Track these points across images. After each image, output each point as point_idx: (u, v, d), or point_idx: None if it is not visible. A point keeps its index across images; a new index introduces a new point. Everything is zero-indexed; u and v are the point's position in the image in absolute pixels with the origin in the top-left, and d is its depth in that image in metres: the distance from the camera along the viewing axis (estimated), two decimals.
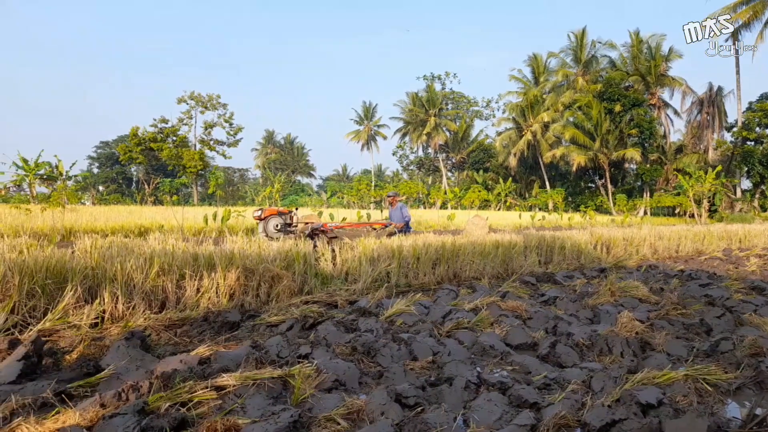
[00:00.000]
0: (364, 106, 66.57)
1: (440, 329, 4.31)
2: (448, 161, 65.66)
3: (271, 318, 4.58)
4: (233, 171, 78.50)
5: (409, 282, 6.67)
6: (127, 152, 53.54)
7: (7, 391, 2.61)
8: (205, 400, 2.58)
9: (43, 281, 4.30)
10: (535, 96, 49.63)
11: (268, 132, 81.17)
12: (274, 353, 3.42)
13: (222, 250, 5.68)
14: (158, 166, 57.80)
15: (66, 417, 2.32)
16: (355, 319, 4.50)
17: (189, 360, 3.12)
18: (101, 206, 28.57)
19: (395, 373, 3.15)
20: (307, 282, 5.78)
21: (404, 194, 53.61)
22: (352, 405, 2.59)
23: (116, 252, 5.08)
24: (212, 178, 21.89)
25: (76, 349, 3.62)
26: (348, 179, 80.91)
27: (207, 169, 55.13)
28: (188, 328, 4.34)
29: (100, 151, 69.45)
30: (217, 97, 54.61)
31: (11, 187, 34.06)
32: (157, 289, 4.80)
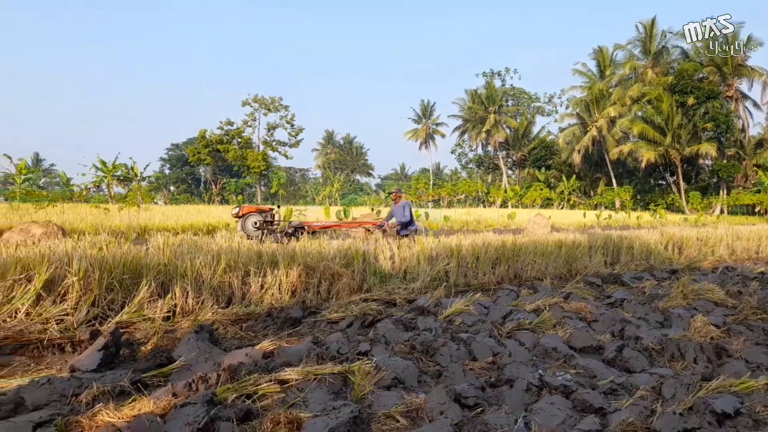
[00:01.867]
0: (422, 105, 66.46)
1: (500, 330, 4.24)
2: (508, 159, 64.40)
3: (331, 315, 4.67)
4: (294, 171, 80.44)
5: (468, 281, 6.61)
6: (196, 154, 56.03)
7: (89, 379, 2.81)
8: (269, 393, 2.66)
9: (121, 276, 4.58)
10: (600, 90, 47.72)
11: (328, 132, 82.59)
12: (334, 349, 3.49)
13: (284, 248, 5.85)
14: (224, 166, 60.06)
15: (141, 405, 2.46)
16: (414, 318, 4.51)
17: (254, 354, 3.24)
18: (172, 205, 30.03)
19: (454, 373, 3.13)
20: (366, 280, 5.85)
21: (463, 193, 53.07)
22: (411, 403, 2.60)
23: (186, 249, 5.33)
24: (275, 178, 22.53)
25: (150, 340, 3.83)
26: (406, 178, 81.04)
27: (270, 170, 56.83)
28: (253, 323, 4.50)
29: (171, 152, 73.01)
30: (279, 100, 56.10)
31: (92, 187, 36.42)
32: (223, 285, 5.00)
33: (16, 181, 26.26)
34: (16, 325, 3.82)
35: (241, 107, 55.58)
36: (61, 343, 3.70)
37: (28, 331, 3.77)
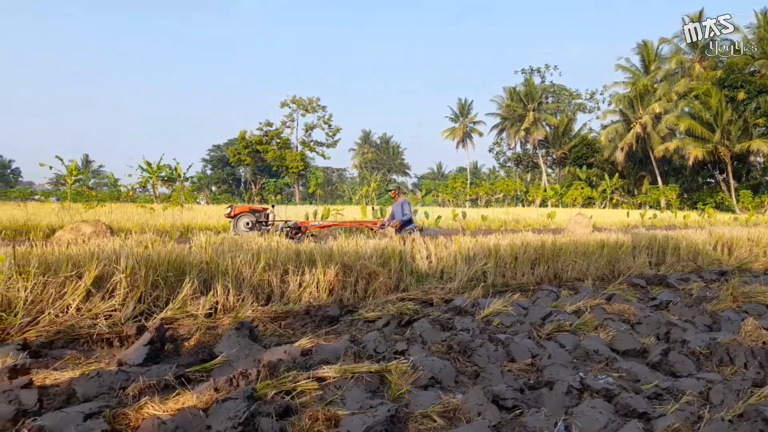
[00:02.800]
0: (459, 103, 65.94)
1: (539, 331, 4.17)
2: (548, 157, 63.20)
3: (368, 314, 4.69)
4: (332, 171, 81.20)
5: (507, 282, 6.52)
6: (236, 154, 57.24)
7: (136, 373, 2.91)
8: (307, 390, 2.70)
9: (165, 274, 4.73)
10: (645, 86, 46.23)
11: (365, 132, 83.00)
12: (371, 348, 3.50)
13: (322, 246, 5.91)
14: (264, 167, 61.18)
15: (185, 399, 2.53)
16: (451, 318, 4.48)
17: (292, 351, 3.29)
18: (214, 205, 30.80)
19: (492, 374, 3.09)
20: (402, 279, 5.85)
21: (501, 192, 52.40)
22: (448, 403, 2.59)
23: (227, 248, 5.46)
24: (312, 178, 22.83)
25: (193, 336, 3.94)
26: (443, 177, 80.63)
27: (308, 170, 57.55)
28: (291, 321, 4.57)
29: (213, 153, 74.85)
30: (316, 100, 56.75)
31: (138, 188, 37.74)
32: (263, 283, 5.10)
33: (68, 182, 27.45)
34: (67, 320, 3.99)
35: (280, 108, 56.49)
36: (110, 338, 3.84)
37: (79, 326, 3.94)
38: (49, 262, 4.39)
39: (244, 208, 10.69)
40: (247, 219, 10.28)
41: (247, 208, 10.59)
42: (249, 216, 10.34)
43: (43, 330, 3.83)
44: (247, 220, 10.26)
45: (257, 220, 10.07)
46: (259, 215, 10.24)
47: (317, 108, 56.85)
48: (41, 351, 3.50)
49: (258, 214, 10.29)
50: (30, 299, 4.04)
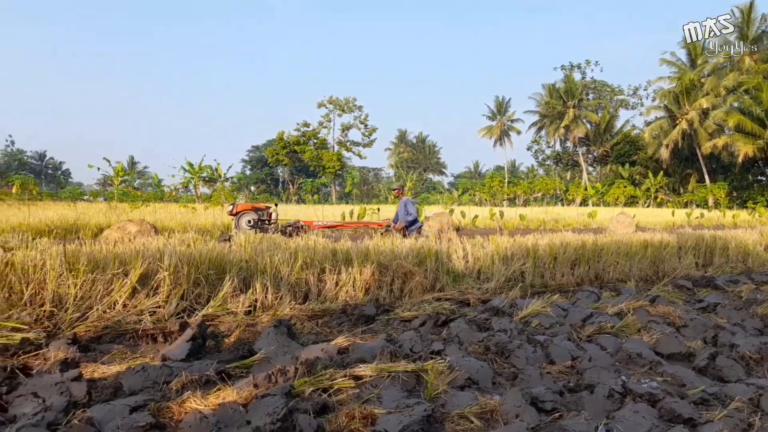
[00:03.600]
0: (496, 101, 65.18)
1: (580, 333, 4.08)
2: (588, 155, 61.72)
3: (404, 313, 4.69)
4: (368, 170, 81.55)
5: (546, 282, 6.40)
6: (274, 155, 58.19)
7: (179, 368, 2.99)
8: (343, 388, 2.72)
9: (207, 272, 4.85)
10: (691, 80, 44.59)
11: (401, 131, 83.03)
12: (407, 347, 3.50)
13: (358, 246, 5.94)
14: (301, 167, 61.98)
15: (225, 394, 2.59)
16: (488, 318, 4.43)
17: (329, 349, 3.32)
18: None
19: (530, 376, 3.05)
20: (438, 279, 5.82)
21: (540, 191, 51.55)
22: (485, 404, 2.56)
23: (266, 247, 5.55)
24: (349, 178, 22.98)
25: (233, 333, 4.02)
26: (480, 176, 79.85)
27: (344, 169, 57.99)
28: (328, 319, 4.61)
29: (252, 154, 76.32)
30: (353, 100, 57.11)
31: (180, 188, 38.84)
32: (300, 282, 5.16)
33: (114, 183, 28.46)
34: (114, 316, 4.14)
35: (317, 109, 57.10)
36: (154, 334, 3.97)
37: (125, 322, 4.08)
38: (98, 260, 4.56)
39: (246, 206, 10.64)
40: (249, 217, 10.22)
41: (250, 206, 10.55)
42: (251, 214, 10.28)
43: (92, 325, 3.99)
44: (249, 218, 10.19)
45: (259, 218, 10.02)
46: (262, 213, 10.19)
47: (353, 108, 57.24)
48: (90, 345, 3.65)
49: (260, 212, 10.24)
50: (79, 296, 4.22)
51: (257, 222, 9.82)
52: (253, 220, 9.97)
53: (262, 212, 10.21)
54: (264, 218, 9.99)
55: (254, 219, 9.96)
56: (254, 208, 10.36)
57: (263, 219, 9.95)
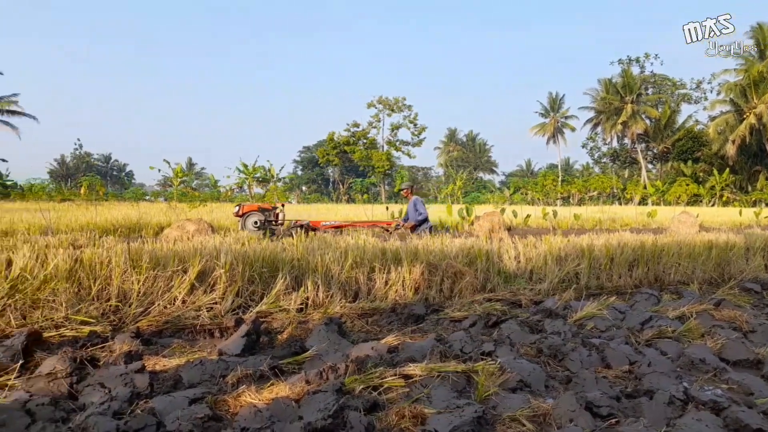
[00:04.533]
0: (550, 98, 63.63)
1: (638, 337, 3.92)
2: (648, 152, 59.27)
3: (454, 313, 4.66)
4: (417, 170, 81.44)
5: (601, 284, 6.20)
6: (325, 155, 59.04)
7: (234, 363, 3.09)
8: (393, 387, 2.73)
9: (260, 270, 4.98)
10: (760, 72, 41.97)
11: (450, 130, 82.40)
12: (457, 348, 3.47)
13: (407, 245, 5.94)
14: (351, 167, 62.62)
15: (278, 389, 2.65)
16: (541, 320, 4.33)
17: (379, 348, 3.34)
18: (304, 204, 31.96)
19: (585, 380, 2.96)
20: (489, 279, 5.74)
21: (595, 189, 49.97)
22: (538, 408, 2.51)
23: (317, 246, 5.64)
24: (398, 177, 23.01)
25: (285, 330, 4.11)
26: (532, 175, 78.17)
27: (393, 169, 58.12)
28: (378, 318, 4.64)
29: (303, 155, 77.80)
30: (402, 100, 57.16)
31: (235, 188, 40.06)
32: (350, 280, 5.22)
33: (174, 184, 29.66)
34: (174, 311, 4.32)
35: (366, 109, 57.52)
36: (211, 329, 4.11)
37: (184, 317, 4.25)
38: (159, 258, 4.78)
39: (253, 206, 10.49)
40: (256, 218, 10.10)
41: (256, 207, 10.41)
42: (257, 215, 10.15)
43: (153, 320, 4.18)
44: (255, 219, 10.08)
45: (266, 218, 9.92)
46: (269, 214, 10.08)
47: (403, 107, 57.29)
48: (152, 339, 3.82)
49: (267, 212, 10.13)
50: (142, 291, 4.43)
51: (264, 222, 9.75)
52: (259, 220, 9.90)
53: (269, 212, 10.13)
54: (271, 219, 9.91)
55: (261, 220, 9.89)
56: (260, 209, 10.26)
57: (270, 219, 9.87)
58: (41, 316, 3.96)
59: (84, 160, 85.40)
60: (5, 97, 47.70)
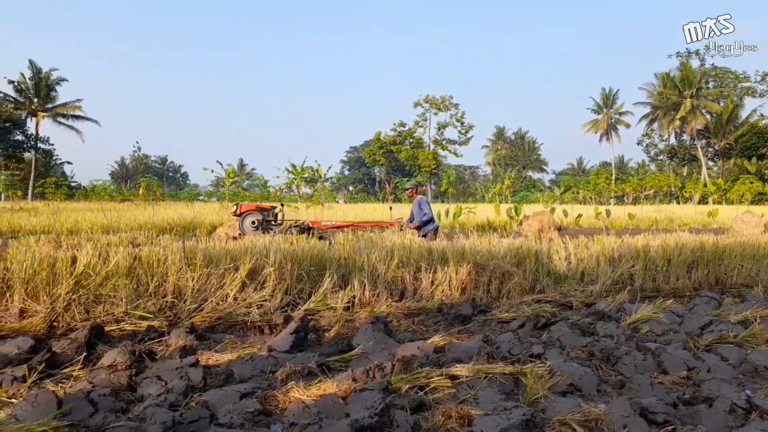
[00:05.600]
0: (603, 93, 61.60)
1: (696, 342, 3.74)
2: (708, 149, 56.48)
3: (502, 314, 4.59)
4: (464, 169, 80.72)
5: (657, 286, 5.96)
6: (371, 155, 59.39)
7: (283, 359, 3.16)
8: (440, 387, 2.72)
9: (308, 268, 5.07)
10: None
11: (498, 128, 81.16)
12: (505, 349, 3.42)
13: (454, 245, 5.90)
14: (397, 166, 62.72)
15: (326, 386, 2.69)
16: (593, 323, 4.21)
17: (425, 347, 3.33)
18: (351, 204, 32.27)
19: (639, 385, 2.85)
20: (538, 280, 5.62)
21: (651, 188, 48.10)
22: (589, 412, 2.44)
23: (363, 245, 5.69)
24: (444, 177, 22.91)
25: (333, 328, 4.17)
26: (584, 173, 75.99)
27: (440, 168, 57.82)
28: (424, 318, 4.63)
29: (350, 155, 78.54)
30: (449, 98, 56.75)
31: (284, 188, 40.93)
32: (396, 280, 5.23)
33: (226, 184, 30.58)
34: (226, 308, 4.46)
35: (413, 108, 57.45)
36: (261, 326, 4.22)
37: (236, 314, 4.38)
38: (212, 256, 4.94)
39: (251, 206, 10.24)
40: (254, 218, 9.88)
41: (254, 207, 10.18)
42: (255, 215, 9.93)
43: (207, 316, 4.33)
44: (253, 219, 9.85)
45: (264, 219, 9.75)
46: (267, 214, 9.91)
47: (450, 106, 56.87)
48: (205, 334, 3.95)
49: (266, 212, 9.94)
50: (196, 288, 4.59)
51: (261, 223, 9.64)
52: (257, 221, 9.75)
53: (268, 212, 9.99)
54: (269, 219, 9.80)
55: (258, 220, 9.76)
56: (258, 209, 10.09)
57: (269, 220, 9.76)
58: (103, 311, 4.17)
59: (142, 162, 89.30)
60: (70, 103, 50.49)
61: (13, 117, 44.08)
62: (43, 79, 48.65)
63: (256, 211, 9.96)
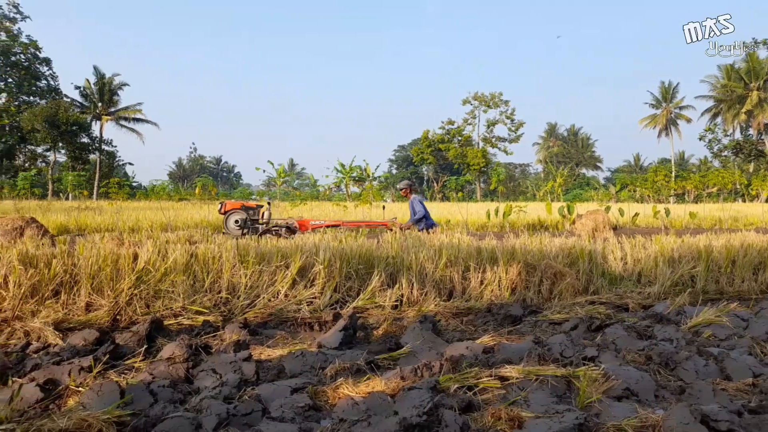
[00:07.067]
0: (662, 87, 59.03)
1: (764, 347, 3.53)
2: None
3: (553, 315, 4.49)
4: (514, 167, 79.28)
5: (721, 288, 5.66)
6: (419, 154, 59.26)
7: (333, 355, 3.20)
8: (489, 388, 2.68)
9: (356, 266, 5.12)
10: None
11: (550, 125, 79.25)
12: (557, 351, 3.34)
13: (504, 244, 5.81)
14: (445, 165, 62.36)
15: (374, 384, 2.71)
16: (650, 326, 4.05)
17: (474, 347, 3.30)
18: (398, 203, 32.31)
19: (701, 391, 2.72)
20: (592, 281, 5.46)
21: (715, 185, 45.80)
22: (646, 418, 2.35)
23: (411, 244, 5.69)
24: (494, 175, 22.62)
25: (381, 326, 4.19)
26: (641, 170, 73.07)
27: (489, 166, 57.03)
28: (472, 318, 4.58)
29: (398, 154, 78.67)
30: (499, 95, 55.90)
31: (333, 187, 41.49)
32: (444, 279, 5.20)
33: (277, 184, 31.29)
34: (277, 304, 4.56)
35: (462, 106, 56.92)
36: (311, 322, 4.30)
37: (286, 310, 4.48)
38: (264, 254, 5.07)
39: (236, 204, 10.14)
40: (238, 216, 9.77)
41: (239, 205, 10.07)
42: (240, 213, 9.81)
43: (259, 312, 4.45)
44: (237, 218, 9.75)
45: (249, 218, 9.63)
46: (252, 213, 9.80)
47: (499, 103, 56.02)
48: (257, 330, 4.06)
49: (251, 211, 9.82)
50: (249, 285, 4.72)
51: (245, 222, 9.53)
52: (241, 219, 9.64)
53: (253, 211, 9.89)
54: (255, 218, 9.70)
55: (242, 219, 9.63)
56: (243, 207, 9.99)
57: (254, 219, 9.66)
58: (162, 306, 4.36)
59: (198, 163, 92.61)
60: (131, 106, 52.98)
61: (79, 120, 46.63)
62: (107, 84, 51.26)
63: (241, 210, 9.91)
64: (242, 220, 9.60)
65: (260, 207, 10.13)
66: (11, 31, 45.96)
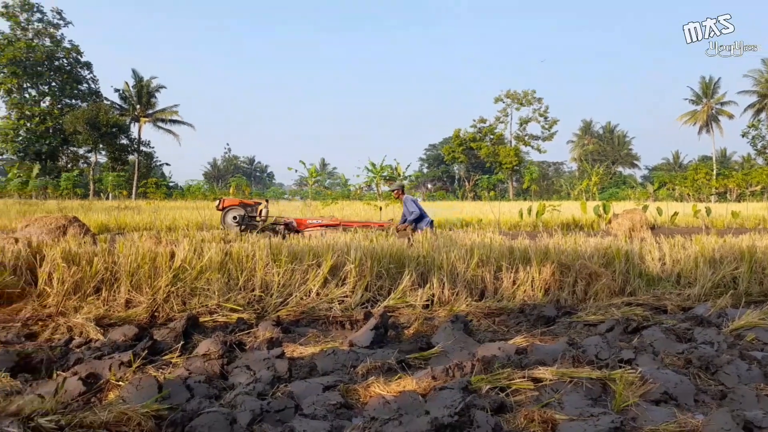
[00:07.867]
0: (702, 82, 57.04)
1: None
2: None
3: (588, 317, 4.40)
4: (548, 165, 77.98)
5: (765, 290, 5.44)
6: (451, 152, 58.89)
7: (364, 354, 3.22)
8: (522, 389, 2.65)
9: (387, 266, 5.13)
10: None
11: (585, 122, 77.52)
12: (592, 353, 3.28)
13: (537, 244, 5.73)
14: (477, 163, 61.80)
15: (405, 383, 2.71)
16: (690, 328, 3.93)
17: (507, 348, 3.26)
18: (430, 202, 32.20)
19: (743, 396, 2.62)
20: (629, 282, 5.33)
21: (759, 183, 44.09)
22: (685, 423, 2.28)
23: (442, 243, 5.67)
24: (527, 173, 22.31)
25: (412, 325, 4.19)
26: (681, 168, 70.85)
27: (522, 165, 56.27)
28: (505, 318, 4.53)
29: (429, 153, 78.38)
30: (532, 93, 55.10)
31: (364, 187, 41.65)
32: (476, 279, 5.16)
33: (309, 183, 31.59)
34: (309, 302, 4.61)
35: (494, 104, 56.33)
36: (342, 321, 4.33)
37: (318, 309, 4.52)
38: (296, 253, 5.13)
39: (234, 201, 10.20)
40: (236, 213, 9.74)
41: (237, 202, 10.09)
42: (238, 210, 9.79)
43: (291, 310, 4.50)
44: (235, 215, 9.70)
45: (247, 214, 9.59)
46: (251, 210, 9.77)
47: (532, 101, 55.22)
48: (290, 327, 4.11)
49: (249, 208, 9.81)
50: (282, 283, 4.79)
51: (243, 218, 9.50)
52: (239, 216, 9.61)
53: (252, 208, 9.89)
54: (253, 215, 9.68)
55: (240, 215, 9.62)
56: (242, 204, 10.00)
57: (252, 216, 9.64)
58: (198, 303, 4.46)
59: (232, 163, 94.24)
60: (168, 108, 54.26)
61: (119, 122, 48.05)
62: (144, 86, 52.66)
63: (239, 207, 9.95)
64: (240, 217, 9.63)
65: (258, 204, 10.18)
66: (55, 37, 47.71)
